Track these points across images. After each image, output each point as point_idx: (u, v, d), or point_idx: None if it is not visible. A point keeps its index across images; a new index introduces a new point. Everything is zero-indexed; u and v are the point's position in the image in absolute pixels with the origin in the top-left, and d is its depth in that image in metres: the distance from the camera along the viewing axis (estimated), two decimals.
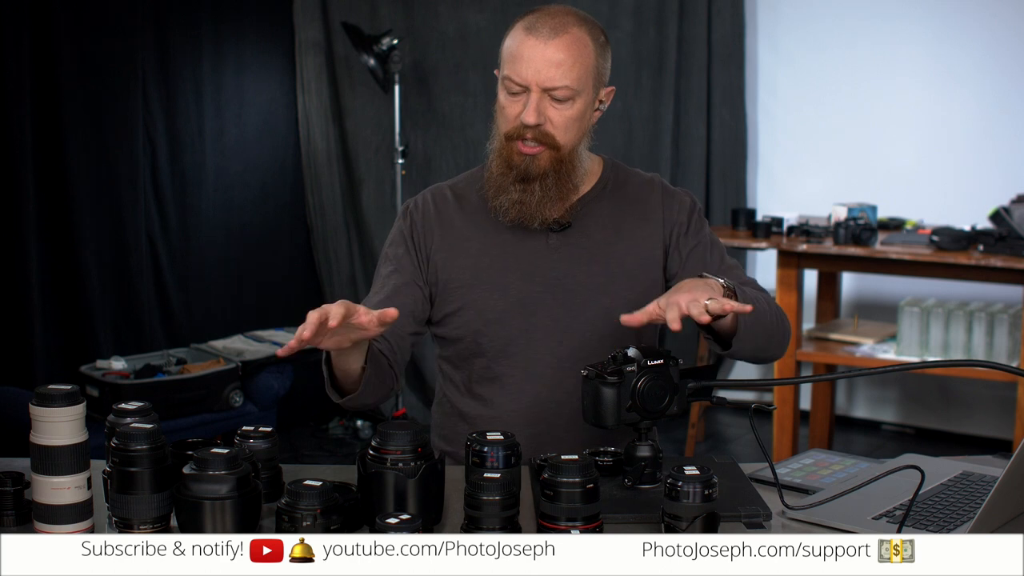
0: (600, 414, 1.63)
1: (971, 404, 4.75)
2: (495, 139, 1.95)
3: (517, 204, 1.90)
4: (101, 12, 4.31)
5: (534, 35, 1.85)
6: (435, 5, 5.15)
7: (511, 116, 1.89)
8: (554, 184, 1.90)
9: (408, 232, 2.00)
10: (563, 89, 1.85)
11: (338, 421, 4.91)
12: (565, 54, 1.84)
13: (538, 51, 1.84)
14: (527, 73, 1.84)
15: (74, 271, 4.25)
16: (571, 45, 1.85)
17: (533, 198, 1.90)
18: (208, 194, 4.76)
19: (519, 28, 1.88)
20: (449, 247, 1.97)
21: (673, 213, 2.00)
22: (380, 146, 5.16)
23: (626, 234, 1.98)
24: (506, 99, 1.89)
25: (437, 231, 1.98)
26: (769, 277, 4.81)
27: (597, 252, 1.96)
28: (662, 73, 5.02)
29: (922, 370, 4.18)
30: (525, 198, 1.90)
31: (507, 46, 1.89)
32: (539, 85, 1.84)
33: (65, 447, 1.44)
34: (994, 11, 4.58)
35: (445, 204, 2.01)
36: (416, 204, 2.03)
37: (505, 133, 1.91)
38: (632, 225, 1.99)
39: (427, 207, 2.01)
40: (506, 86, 1.88)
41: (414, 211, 2.01)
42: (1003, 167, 4.54)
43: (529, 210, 1.91)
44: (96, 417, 3.35)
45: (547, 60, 1.83)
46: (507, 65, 1.88)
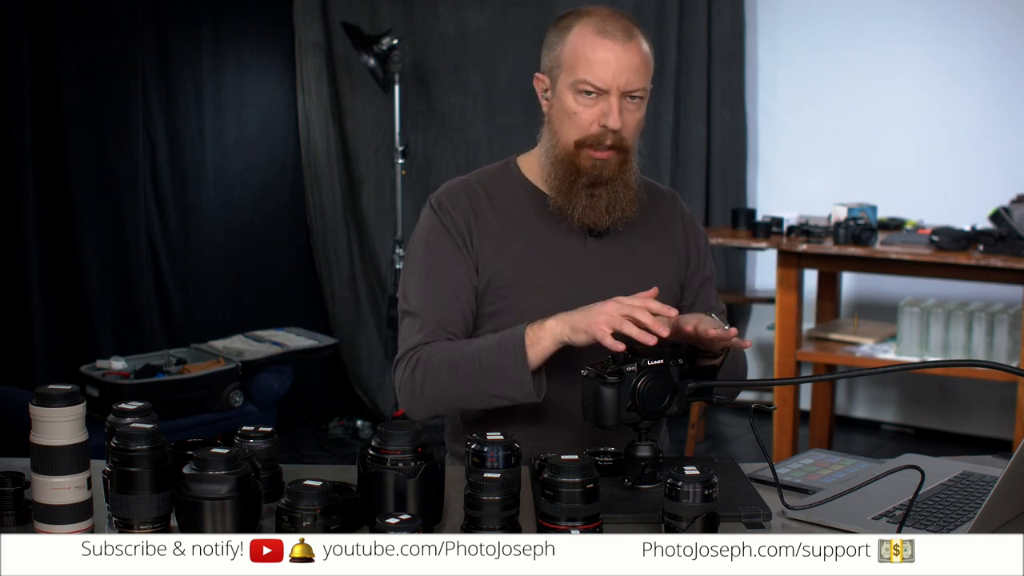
0: (600, 414, 1.63)
1: (971, 404, 4.75)
2: (557, 146, 1.91)
3: (587, 208, 1.89)
4: (101, 12, 4.31)
5: (611, 39, 1.84)
6: (435, 5, 5.15)
7: (586, 122, 1.86)
8: (622, 187, 1.90)
9: (452, 226, 1.93)
10: (641, 91, 1.86)
11: (338, 421, 4.91)
12: (640, 57, 1.86)
13: (618, 54, 1.83)
14: (609, 76, 1.83)
15: (74, 271, 4.25)
16: (642, 47, 1.87)
17: (601, 202, 1.89)
18: (208, 194, 4.76)
19: (587, 32, 1.86)
20: (490, 246, 1.93)
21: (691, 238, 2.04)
22: (380, 146, 5.16)
23: (660, 243, 2.00)
24: (577, 104, 1.87)
25: (476, 228, 1.94)
26: (769, 277, 4.82)
27: (632, 259, 1.97)
28: (662, 73, 5.02)
29: (922, 370, 4.18)
30: (594, 203, 1.89)
31: (574, 49, 1.86)
32: (620, 88, 1.84)
33: (65, 447, 1.44)
34: (994, 11, 4.58)
35: (478, 200, 1.96)
36: (449, 198, 1.95)
37: (577, 140, 1.88)
38: (663, 234, 2.01)
39: (462, 202, 1.95)
40: (579, 89, 1.86)
41: (450, 207, 1.94)
42: (1003, 167, 4.54)
43: (599, 213, 1.90)
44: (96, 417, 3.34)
45: (627, 64, 1.84)
46: (579, 69, 1.85)
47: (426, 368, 1.85)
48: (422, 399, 1.87)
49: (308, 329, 4.70)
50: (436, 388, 1.85)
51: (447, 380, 1.84)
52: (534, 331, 1.78)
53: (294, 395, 4.47)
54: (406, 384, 1.87)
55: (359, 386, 5.13)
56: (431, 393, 1.85)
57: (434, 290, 1.91)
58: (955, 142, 4.68)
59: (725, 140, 5.05)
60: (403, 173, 4.88)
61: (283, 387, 4.34)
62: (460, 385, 1.83)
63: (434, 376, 1.84)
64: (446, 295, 1.91)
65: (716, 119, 5.04)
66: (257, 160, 4.99)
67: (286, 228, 5.15)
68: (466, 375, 1.82)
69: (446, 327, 1.90)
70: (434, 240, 1.94)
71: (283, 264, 5.13)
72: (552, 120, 1.92)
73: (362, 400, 5.10)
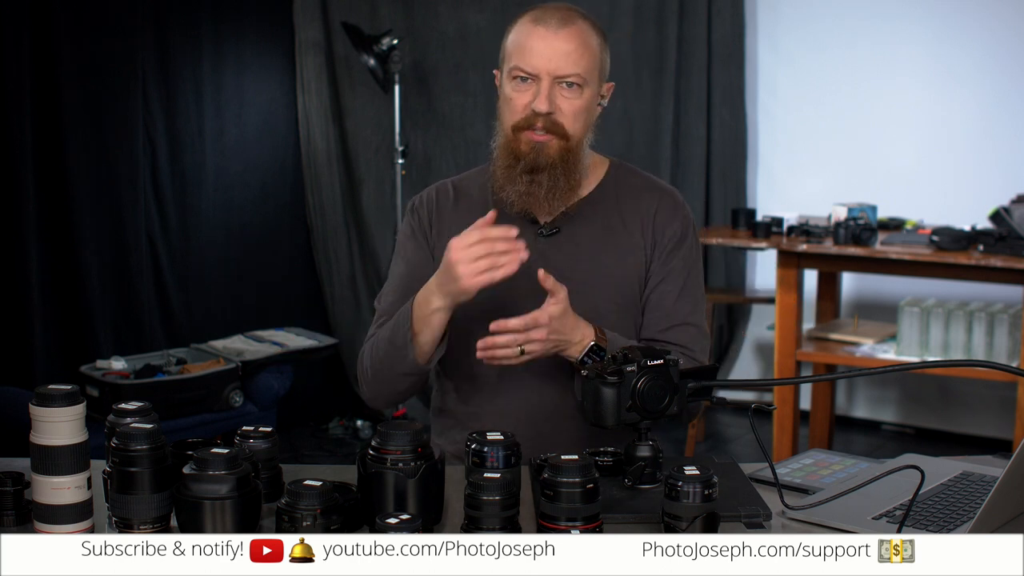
0: (600, 414, 1.63)
1: (971, 404, 4.74)
2: (500, 135, 1.94)
3: (525, 195, 1.91)
4: (101, 12, 4.31)
5: (543, 25, 1.87)
6: (435, 5, 5.15)
7: (519, 106, 1.89)
8: (562, 175, 1.90)
9: (417, 226, 2.02)
10: (574, 76, 1.87)
11: (338, 421, 4.91)
12: (575, 43, 1.87)
13: (548, 41, 1.86)
14: (538, 61, 1.86)
15: (74, 271, 4.25)
16: (579, 35, 1.88)
17: (541, 189, 1.90)
18: (208, 194, 4.76)
19: (525, 21, 1.90)
20: (442, 245, 1.95)
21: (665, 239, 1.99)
22: (380, 146, 5.16)
23: (615, 241, 1.98)
24: (513, 90, 1.90)
25: (435, 227, 2.00)
26: (769, 277, 4.82)
27: (583, 256, 1.96)
28: (662, 73, 5.02)
29: (922, 370, 4.18)
30: (533, 189, 1.90)
31: (513, 39, 1.91)
32: (550, 73, 1.86)
33: (65, 447, 1.44)
34: (994, 11, 4.58)
35: (445, 200, 2.03)
36: (421, 199, 2.04)
37: (513, 124, 1.90)
38: (622, 233, 1.98)
39: (430, 203, 2.03)
40: (513, 75, 1.89)
41: (419, 207, 2.03)
42: (1003, 167, 4.54)
43: (537, 201, 1.91)
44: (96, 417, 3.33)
45: (558, 49, 1.86)
46: (514, 56, 1.89)
47: (363, 357, 1.96)
48: (369, 389, 1.98)
49: (308, 329, 4.70)
50: (372, 374, 1.95)
51: (371, 365, 1.94)
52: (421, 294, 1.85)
53: (294, 395, 4.47)
54: (359, 375, 1.99)
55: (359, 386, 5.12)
56: (372, 380, 1.96)
57: (394, 287, 2.00)
58: (955, 142, 4.68)
59: (725, 140, 5.05)
60: (403, 173, 4.88)
61: (283, 387, 4.33)
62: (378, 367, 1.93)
63: (367, 364, 1.95)
64: (402, 291, 1.96)
65: (716, 119, 5.04)
66: (257, 160, 4.99)
67: (286, 228, 5.15)
68: (379, 357, 1.92)
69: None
70: (403, 241, 2.03)
71: (283, 264, 5.13)
72: (498, 110, 1.96)
73: (362, 400, 5.09)
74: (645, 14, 5.00)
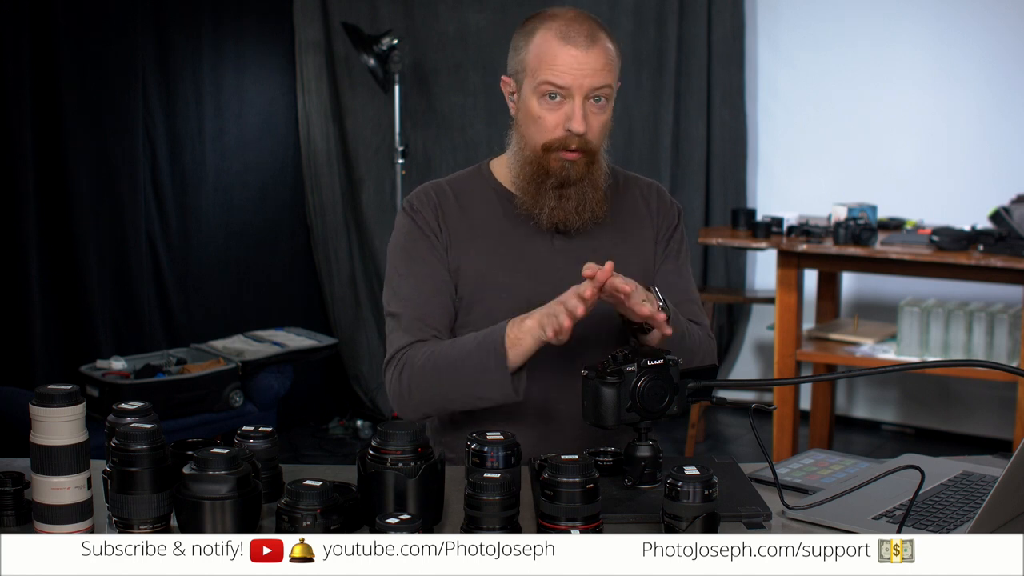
0: (600, 414, 1.63)
1: (971, 404, 4.75)
2: (524, 150, 1.93)
3: (556, 210, 1.91)
4: (101, 12, 4.31)
5: (572, 44, 1.85)
6: (435, 5, 5.15)
7: (551, 125, 1.88)
8: (590, 187, 1.91)
9: (424, 225, 1.96)
10: (604, 89, 1.87)
11: (338, 421, 4.91)
12: (604, 60, 1.87)
13: (580, 59, 1.85)
14: (571, 79, 1.85)
15: (74, 271, 4.25)
16: (605, 50, 1.88)
17: (571, 203, 1.91)
18: (208, 194, 4.76)
19: (549, 37, 1.87)
20: (457, 244, 1.96)
21: (664, 224, 2.04)
22: (380, 146, 5.16)
23: (628, 238, 2.00)
24: (542, 107, 1.88)
25: (445, 226, 1.97)
26: (769, 277, 4.82)
27: (598, 256, 1.96)
28: (662, 73, 5.02)
29: (922, 370, 4.18)
30: (563, 204, 1.91)
31: (537, 54, 1.88)
32: (582, 89, 1.85)
33: (65, 447, 1.44)
34: (994, 11, 4.58)
35: (446, 200, 1.99)
36: (420, 200, 1.99)
37: (544, 144, 1.89)
38: (632, 229, 2.01)
39: (432, 202, 1.98)
40: (542, 92, 1.87)
41: (420, 207, 1.98)
42: (1003, 167, 4.54)
43: (569, 215, 1.92)
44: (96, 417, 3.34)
45: (589, 66, 1.85)
46: (541, 71, 1.86)
47: (412, 371, 1.88)
48: (411, 402, 1.89)
49: (308, 329, 4.71)
50: (423, 391, 1.87)
51: (433, 383, 1.86)
52: (514, 331, 1.79)
53: (294, 395, 4.47)
54: (395, 387, 1.90)
55: (359, 386, 5.13)
56: (419, 396, 1.88)
57: (415, 289, 1.94)
58: (955, 142, 4.68)
59: (725, 140, 5.05)
60: (403, 173, 4.88)
61: (283, 387, 4.34)
62: (445, 388, 1.86)
63: (420, 379, 1.87)
64: (427, 292, 1.93)
65: (716, 119, 5.04)
66: (257, 160, 4.99)
67: (286, 228, 5.15)
68: (450, 378, 1.84)
69: (430, 324, 1.92)
70: (410, 242, 1.97)
71: (283, 264, 5.14)
72: (519, 124, 1.94)
73: (362, 400, 5.10)
74: (645, 14, 5.00)
